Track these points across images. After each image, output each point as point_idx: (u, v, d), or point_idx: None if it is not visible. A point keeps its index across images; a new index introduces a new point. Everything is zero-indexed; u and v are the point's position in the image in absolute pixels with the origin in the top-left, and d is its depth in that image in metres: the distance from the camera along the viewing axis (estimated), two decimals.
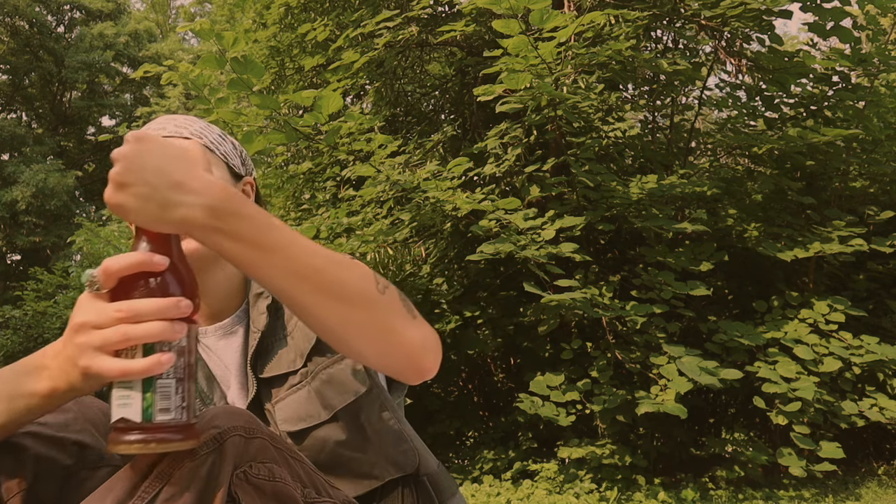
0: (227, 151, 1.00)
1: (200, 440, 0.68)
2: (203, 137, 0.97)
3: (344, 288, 0.71)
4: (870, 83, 3.89)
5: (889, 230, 3.95)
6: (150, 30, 20.44)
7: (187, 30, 2.94)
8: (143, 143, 0.70)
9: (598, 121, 4.31)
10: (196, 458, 0.68)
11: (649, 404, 3.30)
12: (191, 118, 1.00)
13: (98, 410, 0.88)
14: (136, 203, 0.68)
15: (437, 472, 0.99)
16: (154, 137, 0.71)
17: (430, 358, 0.77)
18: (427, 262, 4.69)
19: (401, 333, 0.74)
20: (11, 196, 15.70)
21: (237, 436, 0.71)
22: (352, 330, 0.73)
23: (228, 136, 1.04)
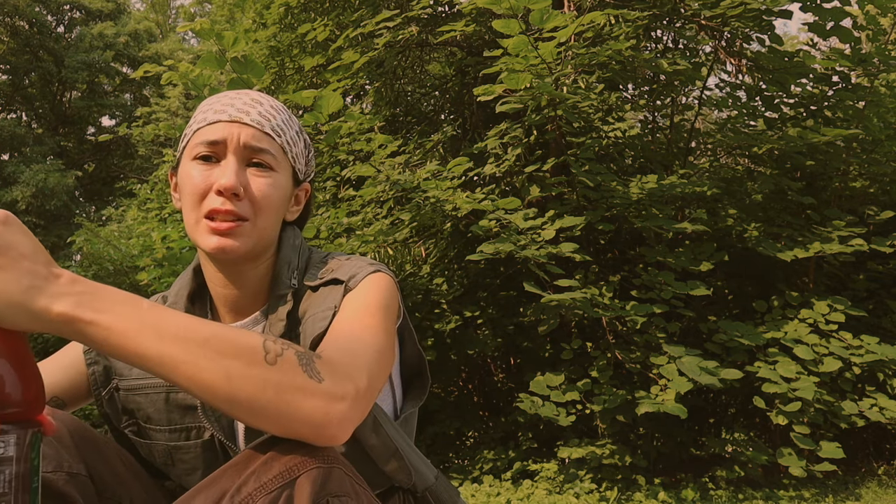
0: (298, 153, 0.96)
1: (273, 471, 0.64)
2: (282, 136, 0.92)
3: (227, 373, 0.65)
4: (870, 83, 3.89)
5: (889, 230, 3.95)
6: (149, 30, 20.44)
7: (187, 30, 2.94)
8: (10, 227, 0.64)
9: (598, 121, 4.32)
10: (271, 492, 0.64)
11: (649, 404, 3.30)
12: (277, 107, 0.95)
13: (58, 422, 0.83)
14: (0, 287, 0.61)
15: (436, 486, 0.96)
16: (18, 222, 0.65)
17: (332, 429, 0.68)
18: (427, 262, 4.69)
19: (294, 409, 0.66)
20: (11, 196, 15.70)
21: (317, 468, 0.67)
22: (239, 410, 0.66)
23: (304, 132, 1.00)
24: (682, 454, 4.15)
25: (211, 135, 0.88)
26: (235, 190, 0.86)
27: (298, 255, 0.97)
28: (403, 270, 4.48)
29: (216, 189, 0.86)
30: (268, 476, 0.65)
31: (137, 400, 0.94)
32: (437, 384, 4.75)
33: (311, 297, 0.92)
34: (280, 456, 0.66)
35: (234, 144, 0.88)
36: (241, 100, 0.92)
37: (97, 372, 0.95)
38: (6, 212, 0.66)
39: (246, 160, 0.89)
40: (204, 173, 0.87)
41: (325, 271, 0.94)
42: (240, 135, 0.88)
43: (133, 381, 0.94)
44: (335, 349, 0.75)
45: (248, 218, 0.87)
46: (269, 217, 0.90)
